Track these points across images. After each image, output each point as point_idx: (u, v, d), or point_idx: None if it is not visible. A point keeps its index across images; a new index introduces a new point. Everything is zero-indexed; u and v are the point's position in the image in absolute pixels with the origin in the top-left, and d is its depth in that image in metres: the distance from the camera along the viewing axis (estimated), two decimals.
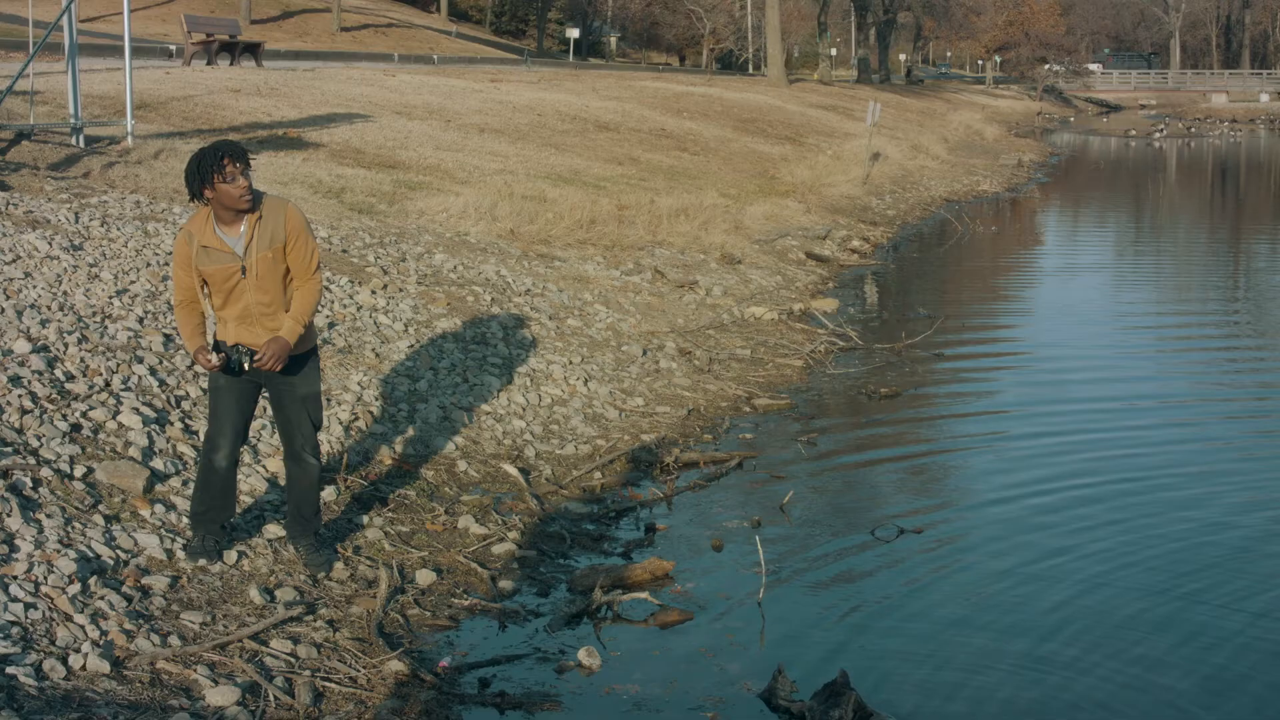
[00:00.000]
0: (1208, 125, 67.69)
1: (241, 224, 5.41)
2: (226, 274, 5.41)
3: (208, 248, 5.40)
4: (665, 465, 8.03)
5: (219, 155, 5.26)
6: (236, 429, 5.66)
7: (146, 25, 35.27)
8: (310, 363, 5.73)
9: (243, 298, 5.46)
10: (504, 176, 16.20)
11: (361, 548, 6.25)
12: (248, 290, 5.45)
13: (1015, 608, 6.20)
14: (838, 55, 78.01)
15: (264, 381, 5.67)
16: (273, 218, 5.44)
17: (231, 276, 5.42)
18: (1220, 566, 6.75)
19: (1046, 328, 13.91)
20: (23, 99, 12.75)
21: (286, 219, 5.46)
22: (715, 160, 23.64)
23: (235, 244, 5.41)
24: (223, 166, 5.25)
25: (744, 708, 5.17)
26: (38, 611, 4.94)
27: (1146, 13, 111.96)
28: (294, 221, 5.48)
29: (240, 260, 5.40)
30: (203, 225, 5.42)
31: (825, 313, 12.91)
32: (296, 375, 5.65)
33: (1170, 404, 10.31)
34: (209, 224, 5.41)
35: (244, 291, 5.45)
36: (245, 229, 5.40)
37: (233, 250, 5.40)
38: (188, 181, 5.35)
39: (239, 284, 5.44)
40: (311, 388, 5.73)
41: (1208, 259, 20.54)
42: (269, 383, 5.67)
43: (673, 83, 39.40)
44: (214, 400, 5.64)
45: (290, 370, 5.63)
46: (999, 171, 33.01)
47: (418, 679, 5.13)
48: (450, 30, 58.91)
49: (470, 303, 10.06)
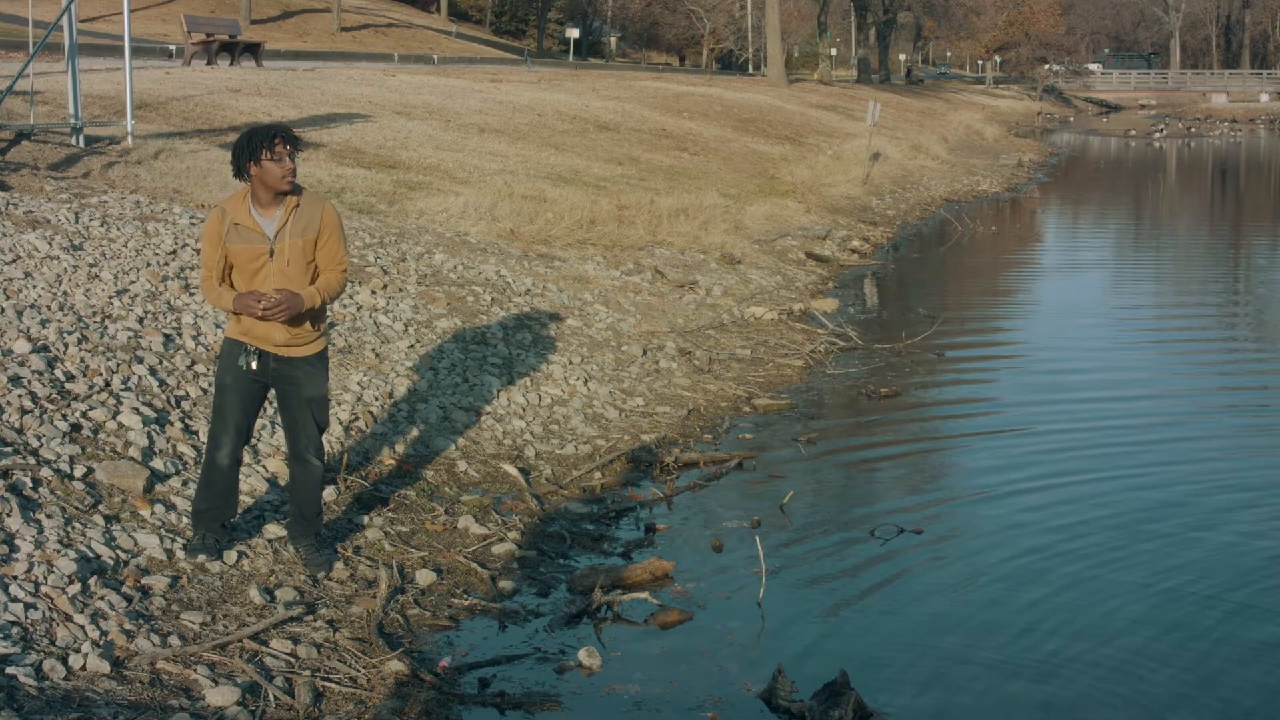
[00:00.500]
0: (1208, 125, 67.70)
1: (278, 209, 5.47)
2: (253, 254, 5.44)
3: (239, 225, 5.44)
4: (665, 465, 8.03)
5: (271, 134, 5.36)
6: (240, 428, 5.66)
7: (146, 25, 35.28)
8: (318, 365, 5.73)
9: (265, 284, 5.47)
10: (504, 176, 16.20)
11: (361, 548, 6.25)
12: (271, 275, 5.46)
13: (1015, 607, 6.19)
14: (838, 55, 78.03)
15: (271, 381, 5.67)
16: (310, 209, 5.52)
17: (258, 258, 5.44)
18: (1221, 565, 6.75)
19: (1046, 327, 13.92)
20: (23, 99, 12.75)
21: (323, 214, 5.56)
22: (715, 160, 23.65)
23: (268, 226, 5.46)
24: (273, 144, 5.34)
25: (744, 708, 5.17)
26: (38, 611, 4.95)
27: (1146, 13, 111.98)
28: (329, 218, 5.57)
29: (270, 242, 5.44)
30: (239, 204, 5.48)
31: (825, 313, 12.91)
32: (304, 376, 5.66)
33: (1170, 403, 10.31)
34: (245, 202, 5.47)
35: (268, 276, 5.47)
36: (281, 213, 5.46)
37: (264, 232, 5.45)
38: (235, 156, 5.41)
39: (264, 267, 5.46)
40: (318, 390, 5.73)
41: (1208, 259, 20.54)
42: (276, 382, 5.67)
43: (673, 83, 39.41)
44: (220, 398, 5.65)
45: (298, 371, 5.64)
46: (999, 171, 33.02)
47: (418, 679, 5.13)
48: (450, 30, 58.92)
49: (470, 303, 10.06)
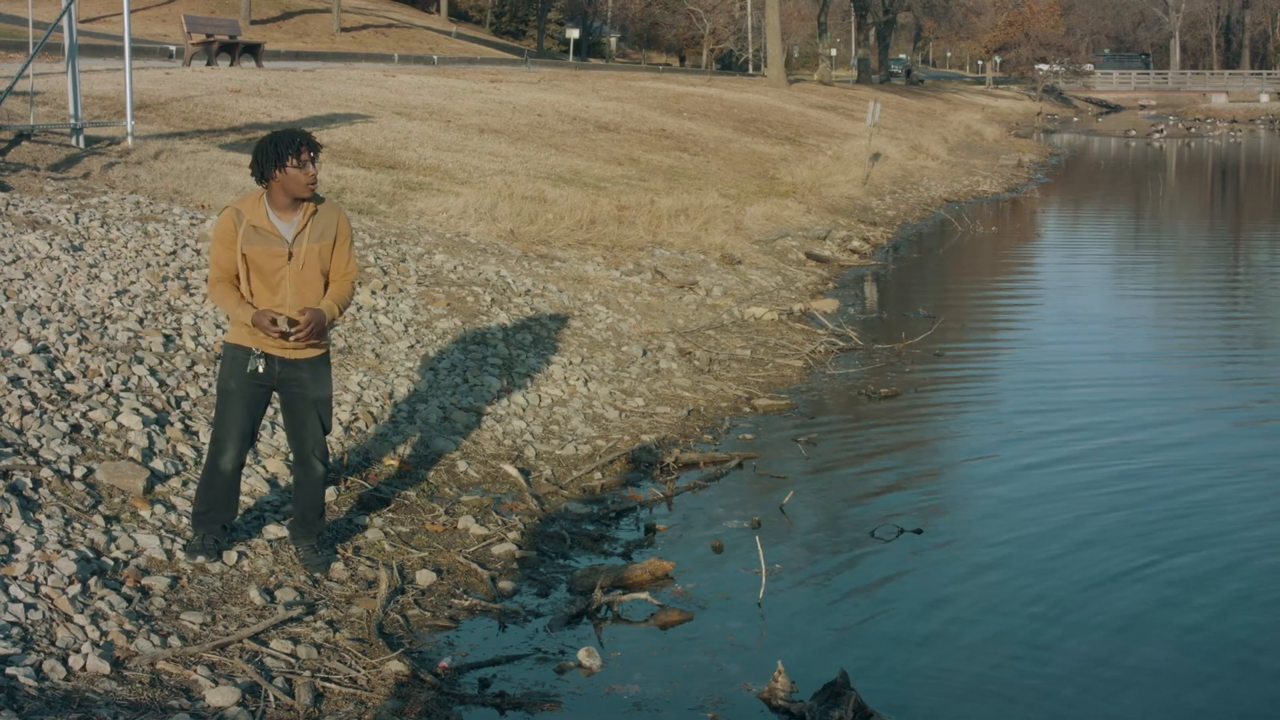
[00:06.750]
0: (1208, 125, 67.69)
1: (297, 213, 5.50)
2: (271, 256, 5.45)
3: (257, 228, 5.45)
4: (665, 465, 8.03)
5: (297, 141, 5.38)
6: (244, 433, 5.66)
7: (146, 26, 35.29)
8: (323, 367, 5.74)
9: (280, 288, 5.48)
10: (504, 177, 16.20)
11: (361, 548, 6.25)
12: (287, 279, 5.47)
13: (1015, 607, 6.19)
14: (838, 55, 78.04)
15: (277, 384, 5.66)
16: (327, 215, 5.58)
17: (275, 259, 5.45)
18: (1221, 564, 6.75)
19: (1046, 328, 13.92)
20: (23, 99, 12.75)
21: (339, 221, 5.63)
22: (715, 161, 23.65)
23: (286, 229, 5.48)
24: (299, 151, 5.37)
25: (744, 708, 5.17)
26: (38, 612, 4.95)
27: (1146, 13, 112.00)
28: (344, 225, 5.65)
29: (288, 245, 5.46)
30: (254, 206, 5.49)
31: (825, 313, 12.91)
32: (310, 378, 5.66)
33: (1171, 403, 10.30)
34: (262, 205, 5.48)
35: (283, 280, 5.48)
36: (300, 218, 5.49)
37: (282, 235, 5.47)
38: (258, 160, 5.42)
39: (281, 270, 5.47)
40: (323, 392, 5.73)
41: (1208, 258, 20.54)
42: (282, 385, 5.67)
43: (673, 83, 39.41)
44: (223, 404, 5.64)
45: (304, 373, 5.64)
46: (999, 172, 33.02)
47: (418, 679, 5.13)
48: (450, 31, 58.93)
49: (470, 303, 10.06)
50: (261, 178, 5.44)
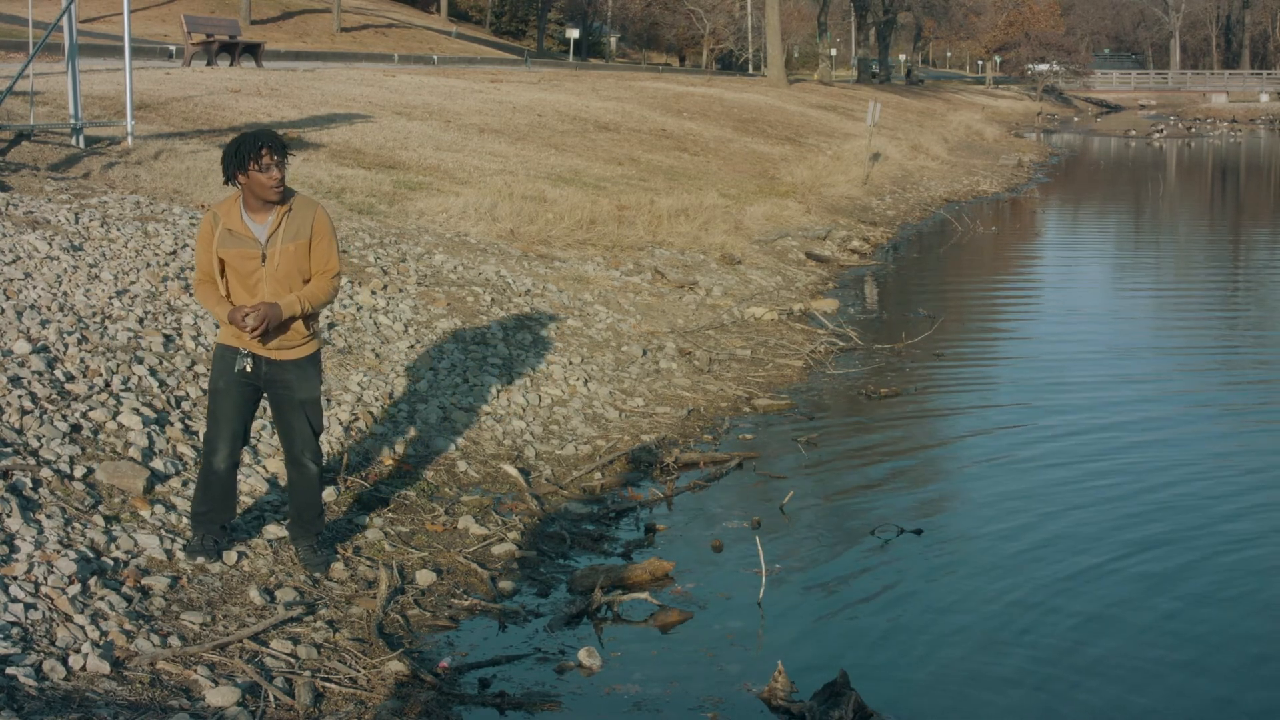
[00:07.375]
0: (1207, 125, 67.69)
1: (270, 214, 5.49)
2: (245, 258, 5.45)
3: (231, 231, 5.46)
4: (665, 465, 8.03)
5: (258, 144, 5.36)
6: (235, 432, 5.66)
7: (146, 26, 35.29)
8: (310, 368, 5.73)
9: (258, 290, 5.49)
10: (504, 177, 16.20)
11: (361, 548, 6.25)
12: (264, 281, 5.48)
13: (1015, 607, 6.19)
14: (838, 55, 78.05)
15: (264, 385, 5.67)
16: (301, 214, 5.54)
17: (250, 262, 5.46)
18: (1221, 563, 6.75)
19: (1046, 328, 13.91)
20: (23, 99, 12.75)
21: (315, 218, 5.57)
22: (715, 160, 23.65)
23: (259, 231, 5.48)
24: (260, 155, 5.35)
25: (744, 708, 5.17)
26: (38, 612, 4.95)
27: (1146, 13, 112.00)
28: (321, 221, 5.59)
29: (261, 247, 5.45)
30: (230, 209, 5.50)
31: (825, 313, 12.91)
32: (296, 379, 5.66)
33: (1172, 404, 10.30)
34: (236, 208, 5.49)
35: (259, 282, 5.48)
36: (273, 219, 5.48)
37: (256, 237, 5.47)
38: (224, 163, 5.44)
39: (257, 272, 5.47)
40: (311, 393, 5.73)
41: (1208, 258, 20.53)
42: (269, 386, 5.67)
43: (673, 83, 39.41)
44: (213, 403, 5.65)
45: (290, 374, 5.64)
46: (999, 172, 33.01)
47: (418, 679, 5.13)
48: (450, 31, 58.94)
49: (470, 303, 10.06)
50: (229, 180, 5.45)
